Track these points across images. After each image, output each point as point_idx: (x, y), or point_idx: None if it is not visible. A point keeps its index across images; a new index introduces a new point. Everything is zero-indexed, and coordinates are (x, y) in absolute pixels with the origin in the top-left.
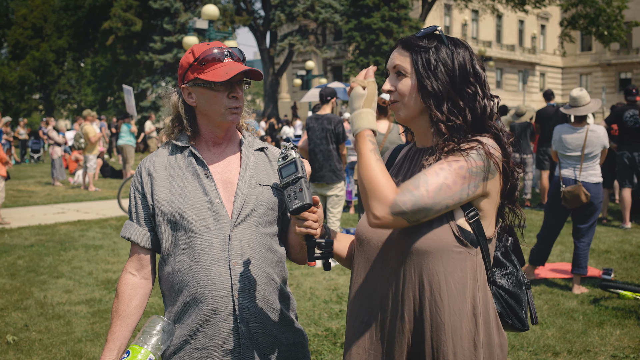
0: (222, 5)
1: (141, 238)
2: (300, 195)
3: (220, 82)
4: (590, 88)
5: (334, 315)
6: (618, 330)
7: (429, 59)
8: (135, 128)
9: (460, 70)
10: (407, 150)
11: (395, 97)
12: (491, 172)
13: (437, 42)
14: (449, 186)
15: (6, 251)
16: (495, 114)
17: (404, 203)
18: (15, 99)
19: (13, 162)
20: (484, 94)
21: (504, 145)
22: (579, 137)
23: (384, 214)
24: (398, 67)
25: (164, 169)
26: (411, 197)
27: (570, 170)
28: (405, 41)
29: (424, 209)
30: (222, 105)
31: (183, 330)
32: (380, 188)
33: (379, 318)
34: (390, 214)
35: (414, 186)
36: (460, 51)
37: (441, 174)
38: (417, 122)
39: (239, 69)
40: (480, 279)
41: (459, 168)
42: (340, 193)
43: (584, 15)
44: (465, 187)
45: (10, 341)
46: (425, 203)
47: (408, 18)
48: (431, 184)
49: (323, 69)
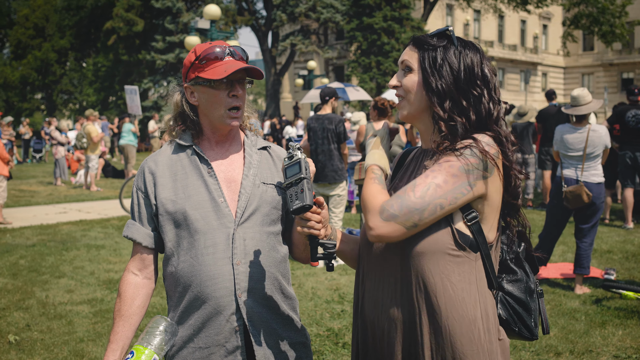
0: (224, 5)
1: (144, 237)
2: (301, 196)
3: (220, 80)
4: (592, 88)
5: (336, 315)
6: (620, 330)
7: (436, 57)
8: (137, 128)
9: (466, 71)
10: (415, 152)
11: (400, 92)
12: (488, 171)
13: (447, 42)
14: (439, 185)
15: (8, 251)
16: (501, 118)
17: (391, 206)
18: (18, 98)
19: (15, 161)
20: (490, 97)
21: (504, 143)
22: (581, 137)
23: (376, 222)
24: (405, 63)
25: (167, 168)
26: (398, 200)
27: (572, 170)
28: (416, 39)
29: (415, 210)
30: (222, 104)
31: (186, 330)
32: (370, 200)
33: (382, 322)
34: (381, 220)
35: (402, 191)
36: (470, 53)
37: (430, 175)
38: (420, 121)
39: (238, 66)
40: (480, 284)
41: (449, 167)
42: (342, 193)
43: (586, 15)
44: (459, 185)
45: (12, 341)
46: (413, 204)
47: (410, 18)
48: (418, 185)
49: (325, 69)
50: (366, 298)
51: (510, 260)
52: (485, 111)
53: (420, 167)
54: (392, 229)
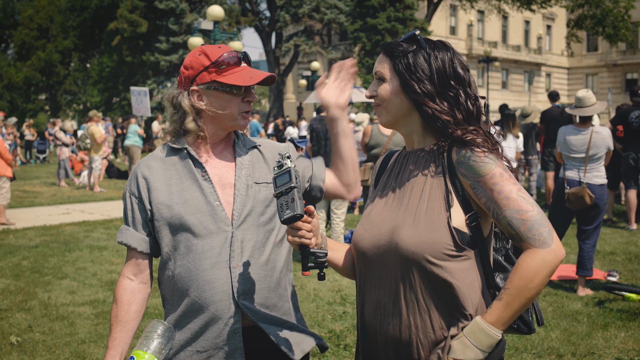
0: (228, 6)
1: (138, 243)
2: (291, 206)
3: (241, 86)
4: (596, 89)
5: (338, 317)
6: (623, 332)
7: (408, 62)
8: (142, 130)
9: (438, 74)
10: (398, 155)
11: (377, 101)
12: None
13: (416, 46)
14: (520, 188)
15: (11, 252)
16: (482, 114)
17: (541, 234)
18: (22, 99)
19: (19, 162)
20: (466, 95)
21: (493, 142)
22: (584, 139)
23: (556, 251)
24: (378, 74)
25: (160, 172)
26: (533, 224)
27: (574, 171)
28: (385, 46)
29: (543, 215)
30: (236, 109)
31: (184, 334)
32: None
33: (385, 327)
34: (554, 244)
35: (521, 214)
36: (439, 54)
37: (505, 189)
38: (401, 126)
39: (263, 74)
40: (479, 283)
41: (500, 175)
42: None
43: (590, 16)
44: (511, 176)
45: (14, 342)
46: (539, 216)
47: (414, 19)
48: (520, 203)
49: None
50: (367, 303)
51: (502, 258)
52: (466, 110)
53: (405, 170)
54: (558, 242)
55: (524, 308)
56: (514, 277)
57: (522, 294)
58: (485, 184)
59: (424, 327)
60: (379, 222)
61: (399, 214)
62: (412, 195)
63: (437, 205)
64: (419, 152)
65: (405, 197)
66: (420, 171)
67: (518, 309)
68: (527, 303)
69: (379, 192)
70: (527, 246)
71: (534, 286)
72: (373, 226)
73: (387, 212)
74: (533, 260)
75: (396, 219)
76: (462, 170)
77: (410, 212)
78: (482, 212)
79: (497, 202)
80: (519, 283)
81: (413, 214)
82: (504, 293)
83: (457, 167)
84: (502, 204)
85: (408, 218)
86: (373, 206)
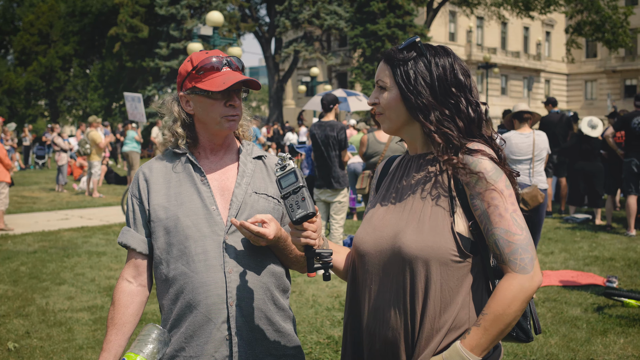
0: (228, 12)
1: (138, 244)
2: (303, 205)
3: (218, 91)
4: (595, 95)
5: (336, 322)
6: (622, 338)
7: (408, 72)
8: (140, 136)
9: (439, 81)
10: (400, 159)
11: (379, 109)
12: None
13: (416, 53)
14: (515, 209)
15: (9, 257)
16: (484, 121)
17: (522, 260)
18: (22, 105)
19: (18, 168)
20: (467, 102)
21: (495, 149)
22: (528, 142)
23: (534, 279)
24: (379, 82)
25: (161, 175)
26: (517, 249)
27: (523, 175)
28: (385, 54)
29: (531, 244)
30: (218, 113)
31: (177, 337)
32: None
33: (384, 332)
34: (533, 273)
35: (508, 236)
36: (440, 61)
37: (501, 209)
38: (404, 132)
39: (237, 78)
40: (482, 289)
41: (500, 194)
42: (343, 199)
43: (589, 22)
44: (512, 194)
45: (12, 348)
46: (526, 241)
47: (413, 25)
48: (510, 225)
49: (328, 76)
50: (365, 307)
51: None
52: (467, 118)
53: (408, 174)
54: (537, 270)
55: (503, 334)
56: (492, 303)
57: (499, 320)
58: (484, 197)
59: (422, 332)
60: (382, 225)
61: (402, 218)
62: (416, 200)
63: (441, 210)
64: (422, 157)
65: (409, 201)
66: (423, 176)
67: (496, 335)
68: (506, 329)
69: (381, 196)
70: (507, 269)
71: (511, 312)
72: (375, 229)
73: (390, 216)
74: (511, 285)
75: (399, 222)
76: (464, 179)
77: (414, 216)
78: None
79: (489, 217)
80: (497, 309)
81: (417, 218)
82: (482, 319)
83: (460, 174)
84: (494, 220)
85: (412, 222)
86: (375, 210)
